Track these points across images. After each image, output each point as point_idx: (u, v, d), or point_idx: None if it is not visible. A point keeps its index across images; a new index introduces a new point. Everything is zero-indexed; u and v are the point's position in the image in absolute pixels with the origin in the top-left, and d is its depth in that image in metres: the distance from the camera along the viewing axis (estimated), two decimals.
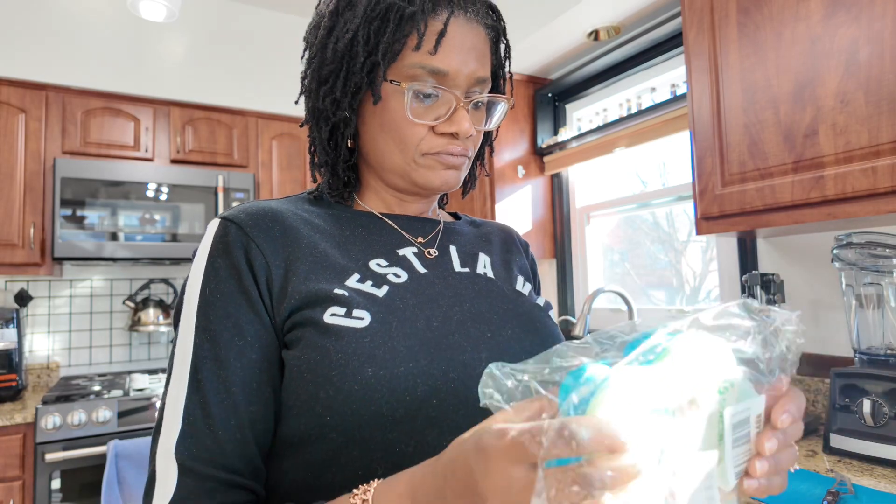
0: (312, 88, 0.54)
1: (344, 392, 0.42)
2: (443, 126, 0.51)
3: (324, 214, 0.54)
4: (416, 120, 0.50)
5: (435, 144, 0.51)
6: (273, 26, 2.54)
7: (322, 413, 0.43)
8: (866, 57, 0.97)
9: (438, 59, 0.49)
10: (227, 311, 0.45)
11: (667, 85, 1.76)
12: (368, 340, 0.44)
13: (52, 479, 1.75)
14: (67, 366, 2.29)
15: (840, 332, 1.31)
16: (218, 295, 0.46)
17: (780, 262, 1.44)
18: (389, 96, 0.51)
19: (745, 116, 1.16)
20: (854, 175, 0.98)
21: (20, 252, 1.99)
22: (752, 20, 1.15)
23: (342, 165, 0.55)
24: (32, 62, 2.06)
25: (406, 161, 0.52)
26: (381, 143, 0.52)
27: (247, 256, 0.47)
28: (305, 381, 0.44)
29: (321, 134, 0.54)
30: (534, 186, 2.16)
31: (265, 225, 0.49)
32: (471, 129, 0.51)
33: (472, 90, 0.52)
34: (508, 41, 0.58)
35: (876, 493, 0.90)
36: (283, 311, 0.46)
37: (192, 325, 0.45)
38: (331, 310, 0.45)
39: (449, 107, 0.51)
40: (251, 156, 2.42)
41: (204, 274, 0.47)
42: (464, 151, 0.53)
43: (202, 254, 0.48)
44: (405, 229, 0.56)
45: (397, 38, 0.49)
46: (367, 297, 0.47)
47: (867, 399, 1.05)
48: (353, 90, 0.51)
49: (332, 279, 0.48)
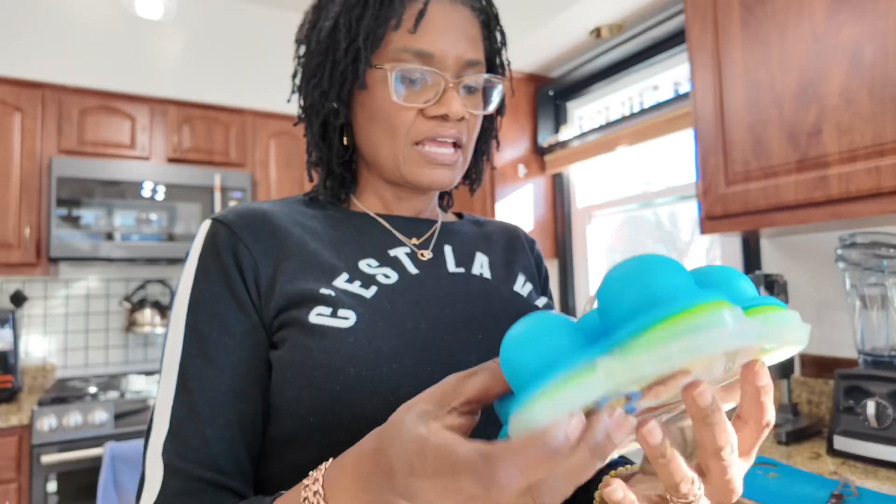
0: (302, 84, 0.54)
1: (326, 392, 0.42)
2: (432, 109, 0.49)
3: (317, 216, 0.54)
4: (403, 103, 0.49)
5: (424, 129, 0.50)
6: (271, 24, 2.52)
7: (306, 415, 0.43)
8: (870, 55, 0.96)
9: (421, 40, 0.48)
10: (215, 311, 0.45)
11: (669, 83, 1.74)
12: (352, 340, 0.44)
13: (47, 482, 1.74)
14: (63, 367, 2.27)
15: (844, 333, 1.30)
16: (207, 295, 0.46)
17: (783, 262, 1.43)
18: (376, 84, 0.50)
19: (749, 115, 1.15)
20: (858, 174, 0.97)
21: (15, 252, 1.97)
22: (755, 17, 1.14)
23: (336, 161, 0.55)
24: (28, 60, 2.04)
25: (395, 153, 0.51)
26: (371, 134, 0.52)
27: (235, 257, 0.47)
28: (289, 381, 0.44)
29: (313, 130, 0.54)
30: (535, 186, 2.15)
31: (254, 225, 0.49)
32: (462, 111, 0.49)
33: (464, 73, 0.50)
34: (503, 27, 0.56)
35: (880, 495, 0.89)
36: (271, 311, 0.46)
37: (182, 325, 0.45)
38: (316, 310, 0.45)
39: (437, 89, 0.49)
40: (248, 155, 2.40)
41: (194, 275, 0.47)
42: (456, 135, 0.51)
43: (193, 255, 0.48)
44: (399, 230, 0.55)
45: (379, 23, 0.48)
46: (355, 297, 0.47)
47: (871, 401, 1.04)
48: (340, 80, 0.51)
49: (320, 279, 0.47)
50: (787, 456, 1.11)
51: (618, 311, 0.28)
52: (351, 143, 0.55)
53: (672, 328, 0.24)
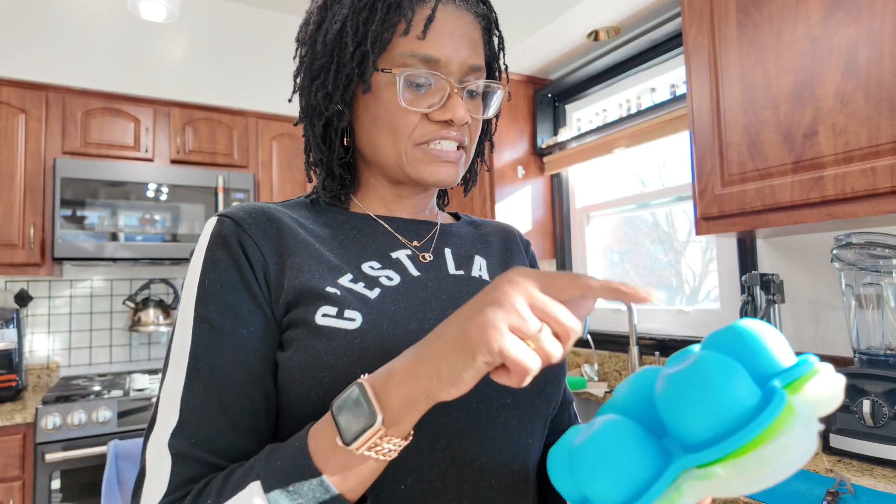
0: (305, 85, 0.54)
1: (334, 394, 0.42)
2: (437, 114, 0.50)
3: (318, 218, 0.54)
4: (409, 108, 0.49)
5: (428, 131, 0.50)
6: (273, 26, 2.54)
7: (312, 415, 0.42)
8: (866, 57, 0.97)
9: (429, 45, 0.49)
10: (228, 301, 0.45)
11: (666, 85, 1.76)
12: (359, 342, 0.44)
13: (52, 480, 1.75)
14: (67, 366, 2.29)
15: (840, 333, 1.31)
16: (218, 286, 0.45)
17: (779, 262, 1.44)
18: (381, 87, 0.50)
19: (745, 117, 1.16)
20: (854, 175, 0.98)
21: (20, 252, 1.99)
22: (751, 20, 1.16)
23: (337, 162, 0.55)
24: (32, 62, 2.06)
25: (399, 154, 0.51)
26: (374, 136, 0.52)
27: (244, 250, 0.47)
28: (297, 382, 0.44)
29: (315, 131, 0.54)
30: (534, 187, 2.16)
31: (261, 222, 0.49)
32: (466, 116, 0.50)
33: (466, 78, 0.51)
34: (501, 32, 0.57)
35: (876, 493, 0.90)
36: (281, 307, 0.46)
37: (191, 317, 0.45)
38: (322, 309, 0.45)
39: (443, 94, 0.50)
40: (251, 156, 2.42)
41: (202, 266, 0.46)
42: (459, 138, 0.52)
43: (200, 249, 0.48)
44: (400, 232, 0.56)
45: (386, 27, 0.49)
46: (359, 297, 0.47)
47: (867, 399, 1.05)
48: (345, 82, 0.51)
49: (326, 276, 0.48)
50: None
51: (688, 424, 0.30)
52: (352, 144, 0.56)
53: (756, 456, 0.28)
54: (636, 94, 1.85)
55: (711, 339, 0.35)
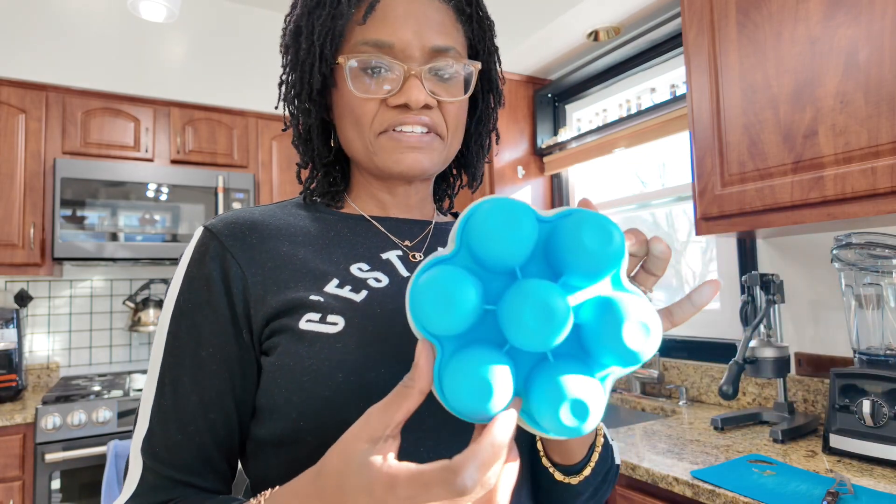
0: (284, 90, 0.55)
1: (315, 397, 0.43)
2: (393, 98, 0.48)
3: (310, 218, 0.54)
4: (362, 95, 0.48)
5: (387, 118, 0.49)
6: (273, 26, 2.54)
7: (296, 418, 0.43)
8: (866, 58, 0.97)
9: (379, 31, 0.48)
10: (193, 322, 0.46)
11: (666, 85, 1.76)
12: (341, 346, 0.44)
13: (52, 480, 1.75)
14: (67, 366, 2.29)
15: (840, 333, 1.31)
16: (189, 305, 0.47)
17: (779, 262, 1.44)
18: (343, 80, 0.50)
19: (745, 117, 1.17)
20: (853, 175, 0.98)
21: (20, 252, 1.99)
22: (751, 20, 1.16)
23: (319, 162, 0.55)
24: (32, 62, 2.06)
25: (365, 145, 0.50)
26: (345, 130, 0.52)
27: (222, 267, 0.47)
28: (279, 386, 0.44)
29: (297, 132, 0.55)
30: (534, 187, 2.16)
31: (243, 234, 0.49)
32: (424, 99, 0.48)
33: (432, 60, 0.49)
34: (482, 11, 0.55)
35: (875, 493, 0.90)
36: (261, 320, 0.46)
37: (165, 332, 0.47)
38: (306, 316, 0.45)
39: (399, 78, 0.49)
40: (251, 156, 2.42)
41: (181, 282, 0.48)
42: (424, 121, 0.49)
43: (183, 262, 0.49)
44: (393, 232, 0.55)
45: (336, 20, 0.49)
46: (344, 302, 0.47)
47: (867, 399, 1.05)
48: (309, 80, 0.51)
49: (310, 286, 0.47)
50: (783, 454, 1.12)
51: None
52: (336, 144, 0.56)
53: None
54: (636, 95, 1.85)
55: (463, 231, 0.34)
